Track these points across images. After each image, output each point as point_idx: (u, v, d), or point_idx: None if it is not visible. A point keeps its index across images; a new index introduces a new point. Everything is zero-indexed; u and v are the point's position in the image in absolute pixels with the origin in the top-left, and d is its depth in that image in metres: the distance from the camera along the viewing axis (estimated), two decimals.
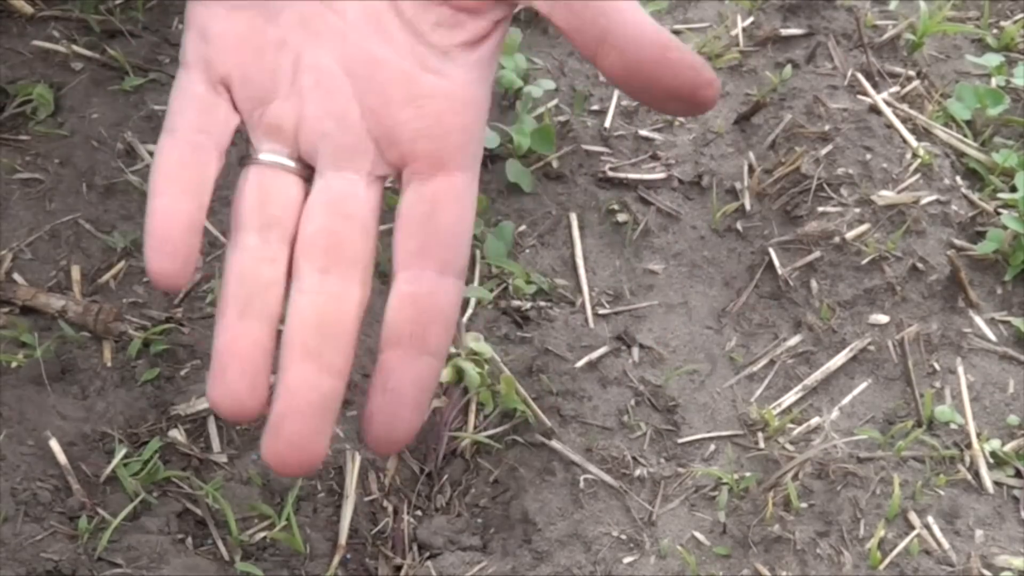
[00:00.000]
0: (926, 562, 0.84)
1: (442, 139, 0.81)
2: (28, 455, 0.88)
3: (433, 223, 0.81)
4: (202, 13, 0.78)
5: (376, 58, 0.81)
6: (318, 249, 0.80)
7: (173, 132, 0.77)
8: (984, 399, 0.94)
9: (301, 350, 0.79)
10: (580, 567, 0.87)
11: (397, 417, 0.80)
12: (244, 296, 0.77)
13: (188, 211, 0.75)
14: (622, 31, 0.79)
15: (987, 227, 1.01)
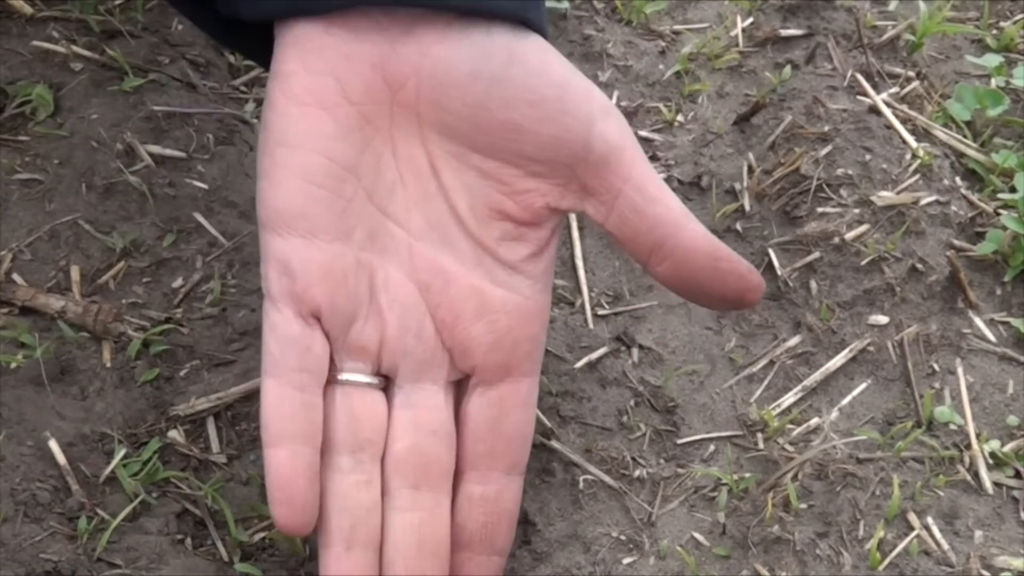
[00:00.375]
0: (925, 563, 0.84)
1: (512, 350, 0.82)
2: (27, 455, 0.88)
3: (501, 427, 0.82)
4: (280, 246, 0.79)
5: (445, 270, 0.81)
6: (408, 467, 0.81)
7: (276, 375, 0.79)
8: (984, 400, 0.93)
9: (406, 573, 0.80)
10: (579, 568, 0.86)
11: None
12: (348, 526, 0.79)
13: (307, 463, 0.78)
14: (676, 243, 0.79)
15: (987, 228, 1.00)
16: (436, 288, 0.81)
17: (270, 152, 0.79)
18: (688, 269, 0.79)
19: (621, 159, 0.79)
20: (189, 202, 1.01)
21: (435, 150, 0.80)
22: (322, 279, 0.79)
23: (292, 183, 0.78)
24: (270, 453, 0.78)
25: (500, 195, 0.80)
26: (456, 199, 0.81)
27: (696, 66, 1.13)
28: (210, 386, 0.92)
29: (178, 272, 0.98)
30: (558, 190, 0.80)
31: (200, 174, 1.03)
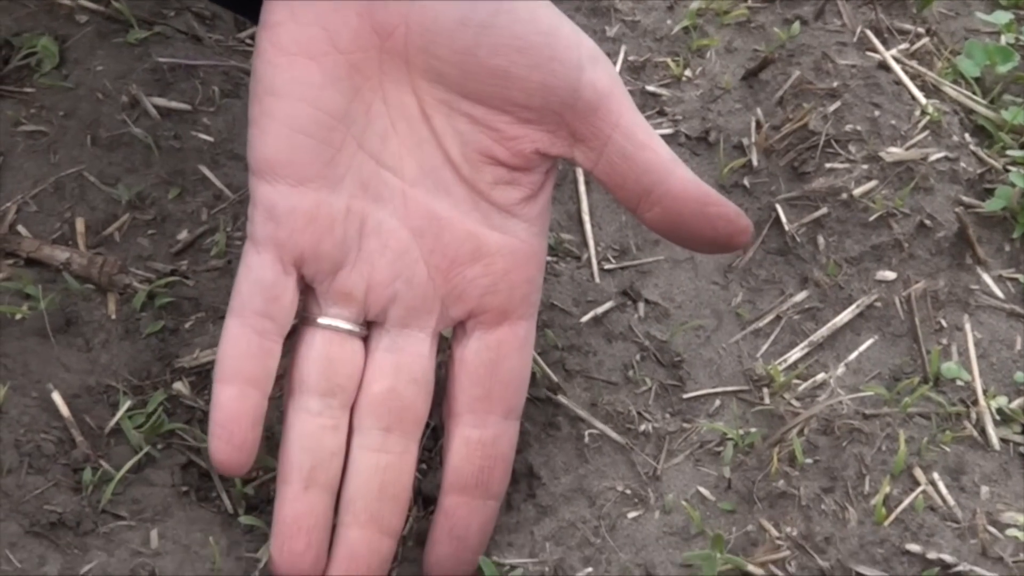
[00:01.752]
0: (931, 518, 0.83)
1: (508, 293, 0.82)
2: (32, 407, 0.87)
3: (498, 371, 0.82)
4: (267, 191, 0.79)
5: (439, 216, 0.81)
6: (384, 409, 0.81)
7: (241, 316, 0.80)
8: (991, 356, 0.92)
9: (365, 515, 0.80)
10: (584, 521, 0.86)
11: (462, 562, 0.83)
12: (308, 466, 0.80)
13: (254, 405, 0.79)
14: (665, 189, 0.79)
15: (995, 184, 0.99)
16: (430, 233, 0.81)
17: (259, 100, 0.79)
18: (677, 214, 0.80)
19: (610, 106, 0.79)
20: (194, 154, 1.00)
21: (425, 97, 0.80)
22: (307, 226, 0.79)
23: (280, 132, 0.78)
24: (219, 389, 0.79)
25: (491, 141, 0.80)
26: (448, 145, 0.81)
27: (704, 21, 1.11)
28: (215, 338, 0.91)
29: (183, 224, 0.97)
30: (547, 136, 0.80)
31: (205, 127, 1.02)
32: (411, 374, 0.82)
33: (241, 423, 0.79)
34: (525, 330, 0.83)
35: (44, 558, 0.81)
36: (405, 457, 0.82)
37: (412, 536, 0.87)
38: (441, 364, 0.86)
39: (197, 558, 0.82)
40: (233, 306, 0.80)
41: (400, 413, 0.82)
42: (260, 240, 0.80)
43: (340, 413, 0.82)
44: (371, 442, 0.81)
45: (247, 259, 0.80)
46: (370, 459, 0.81)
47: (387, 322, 0.82)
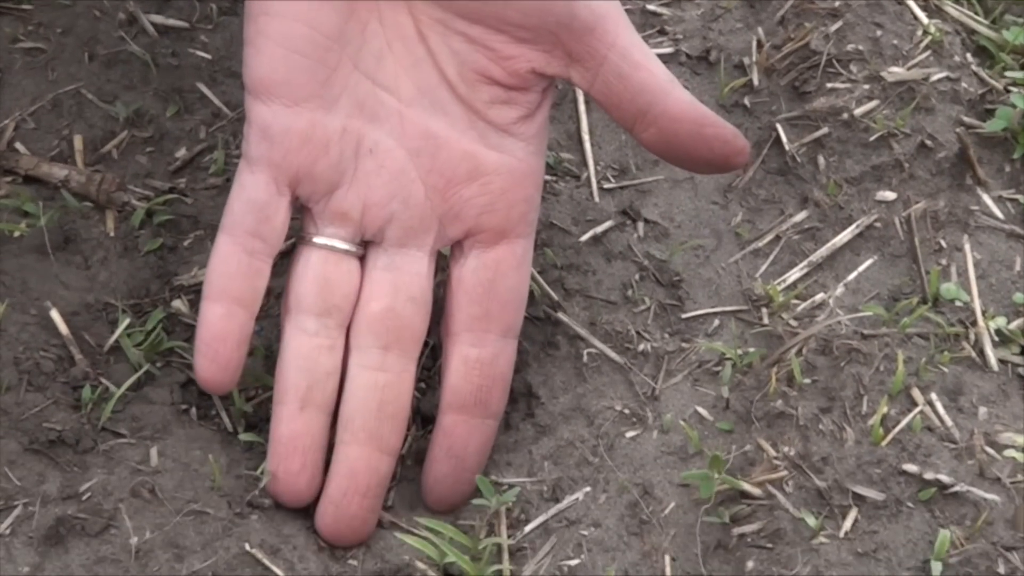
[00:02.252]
0: (928, 439, 0.82)
1: (506, 212, 0.81)
2: (31, 324, 0.86)
3: (496, 289, 0.81)
4: (262, 110, 0.78)
5: (436, 135, 0.80)
6: (382, 328, 0.80)
7: (232, 234, 0.79)
8: (990, 277, 0.91)
9: (363, 432, 0.80)
10: (583, 441, 0.85)
11: (460, 481, 0.82)
12: (305, 386, 0.79)
13: (240, 324, 0.78)
14: (661, 110, 0.78)
15: (996, 105, 0.97)
16: (427, 153, 0.80)
17: (254, 20, 0.77)
18: (673, 135, 0.79)
19: (606, 26, 0.78)
20: (192, 72, 0.98)
21: (421, 16, 0.79)
22: (302, 146, 0.79)
23: (275, 52, 0.77)
24: (206, 306, 0.79)
25: (487, 60, 0.79)
26: (444, 64, 0.79)
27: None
28: None
29: (181, 142, 0.96)
30: (543, 56, 0.79)
31: (203, 44, 1.00)
32: (409, 293, 0.81)
33: (227, 342, 0.78)
34: (523, 249, 0.82)
35: (43, 476, 0.80)
36: (404, 376, 0.81)
37: (411, 455, 0.86)
38: (440, 284, 0.85)
39: (197, 475, 0.82)
40: (224, 224, 0.80)
41: (398, 332, 0.81)
42: (254, 160, 0.79)
43: (336, 333, 0.81)
44: (369, 361, 0.81)
45: (241, 178, 0.79)
46: (368, 378, 0.81)
47: (384, 242, 0.81)
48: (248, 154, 0.79)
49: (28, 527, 0.78)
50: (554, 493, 0.83)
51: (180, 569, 0.77)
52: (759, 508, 0.81)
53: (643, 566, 0.81)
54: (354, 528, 0.80)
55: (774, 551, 0.79)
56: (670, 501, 0.83)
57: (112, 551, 0.77)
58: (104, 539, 0.78)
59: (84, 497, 0.79)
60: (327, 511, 0.80)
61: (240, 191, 0.79)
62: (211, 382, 0.79)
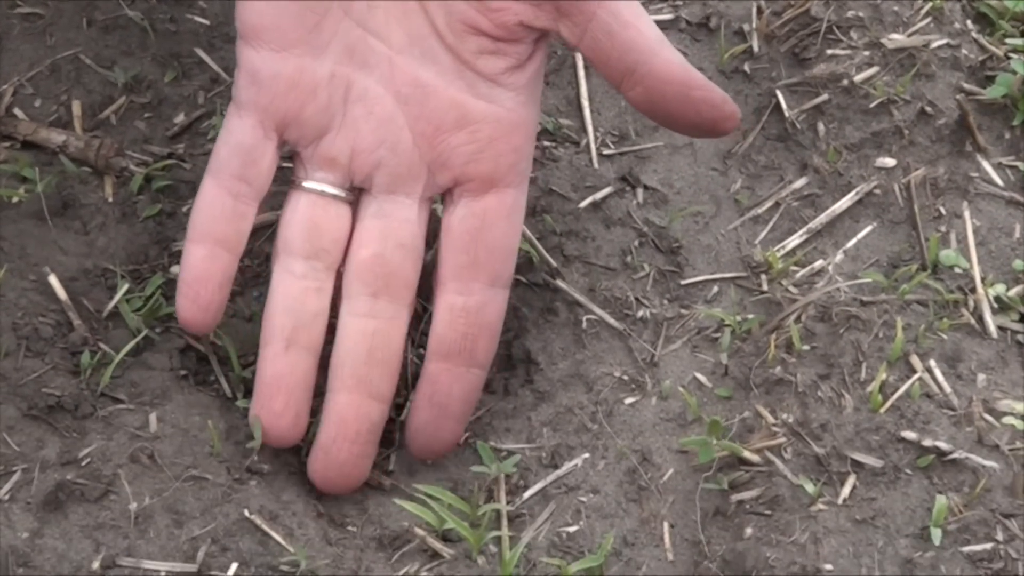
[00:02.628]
0: (927, 405, 0.81)
1: (494, 161, 0.79)
2: (29, 290, 0.85)
3: (484, 238, 0.80)
4: (251, 55, 0.78)
5: (425, 83, 0.79)
6: (371, 274, 0.80)
7: (217, 177, 0.79)
8: (990, 243, 0.90)
9: (352, 379, 0.79)
10: (581, 407, 0.84)
11: (442, 430, 0.81)
12: (291, 327, 0.79)
13: (223, 266, 0.78)
14: (648, 70, 0.77)
15: (997, 72, 0.96)
16: (415, 100, 0.80)
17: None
18: (660, 96, 0.78)
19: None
20: (190, 37, 0.97)
21: None
22: (289, 91, 0.78)
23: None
24: (189, 248, 0.79)
25: (475, 12, 0.78)
26: (434, 14, 0.79)
27: None
28: None
29: (180, 107, 0.95)
30: (532, 9, 0.78)
31: (201, 9, 0.98)
32: (398, 239, 0.80)
33: (208, 284, 0.78)
34: (512, 198, 0.81)
35: (42, 441, 0.79)
36: (394, 322, 0.81)
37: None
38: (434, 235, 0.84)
39: (196, 441, 0.81)
40: (211, 167, 0.79)
41: (387, 279, 0.80)
42: (243, 104, 0.79)
43: (324, 276, 0.81)
44: (359, 308, 0.80)
45: (229, 122, 0.79)
46: (358, 325, 0.80)
47: (373, 189, 0.81)
48: (237, 98, 0.79)
49: (27, 492, 0.77)
50: (553, 459, 0.83)
51: (179, 535, 0.77)
52: (757, 475, 0.80)
53: (642, 532, 0.80)
54: (344, 474, 0.80)
55: (772, 518, 0.78)
56: (669, 468, 0.82)
57: (111, 517, 0.77)
58: (103, 505, 0.77)
59: (83, 463, 0.79)
60: (317, 458, 0.80)
61: (227, 135, 0.79)
62: (192, 322, 0.79)
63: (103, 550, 0.76)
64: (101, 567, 0.75)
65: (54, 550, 0.75)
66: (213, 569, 0.76)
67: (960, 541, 0.76)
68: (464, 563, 0.79)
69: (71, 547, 0.76)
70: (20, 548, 0.75)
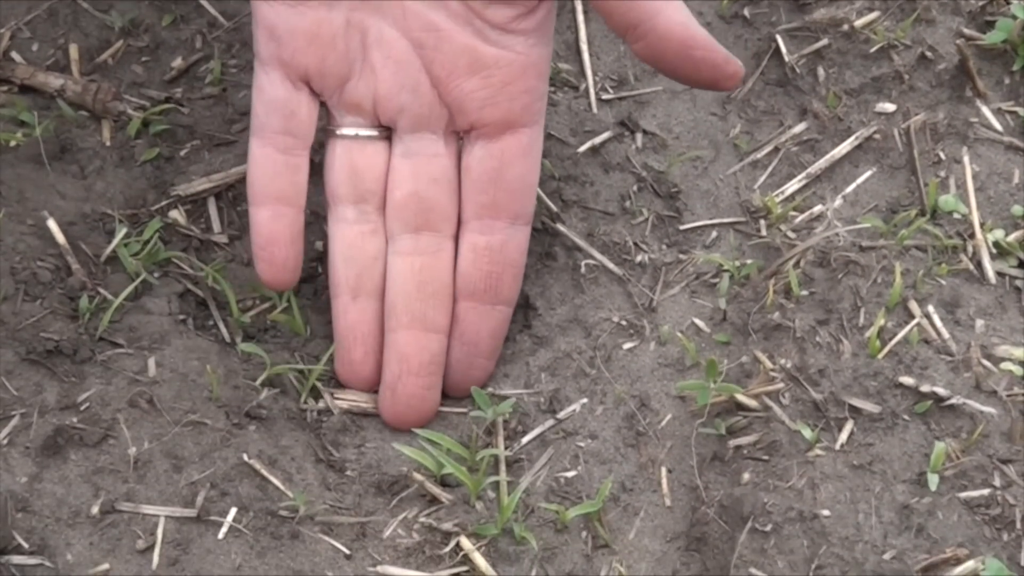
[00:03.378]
0: (925, 351, 0.80)
1: (508, 104, 0.79)
2: (27, 234, 0.83)
3: (503, 177, 0.79)
4: (267, 12, 0.77)
5: (438, 27, 0.78)
6: (409, 212, 0.80)
7: (262, 136, 0.78)
8: (989, 189, 0.89)
9: (407, 316, 0.79)
10: (580, 352, 0.83)
11: (474, 367, 0.81)
12: (353, 275, 0.80)
13: (289, 222, 0.79)
14: (651, 25, 0.76)
15: (997, 16, 0.94)
16: (430, 44, 0.79)
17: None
18: (662, 52, 0.77)
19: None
20: None
21: None
22: (309, 43, 0.78)
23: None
24: (254, 212, 0.79)
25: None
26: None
27: None
28: (211, 166, 0.88)
29: (177, 51, 0.93)
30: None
31: None
32: (430, 174, 0.80)
33: (280, 243, 0.79)
34: (529, 138, 0.80)
35: (41, 385, 0.78)
36: (440, 255, 0.81)
37: None
38: None
39: (195, 386, 0.80)
40: (253, 128, 0.79)
41: (425, 214, 0.80)
42: (265, 60, 0.78)
43: (376, 217, 0.81)
44: (403, 247, 0.81)
45: (258, 80, 0.79)
46: (404, 263, 0.80)
47: (399, 130, 0.81)
48: (259, 55, 0.78)
49: (26, 437, 0.76)
50: (551, 405, 0.81)
51: (178, 479, 0.76)
52: (755, 420, 0.79)
53: (639, 477, 0.79)
54: (414, 408, 0.80)
55: (770, 463, 0.77)
56: (667, 413, 0.81)
57: (110, 461, 0.76)
58: (102, 449, 0.76)
59: (82, 407, 0.77)
60: (385, 397, 0.81)
61: (259, 94, 0.79)
62: (274, 283, 0.80)
63: (102, 495, 0.75)
64: (100, 512, 0.74)
65: (53, 495, 0.74)
66: (212, 514, 0.75)
67: (957, 487, 0.75)
68: (463, 508, 0.78)
69: (70, 492, 0.74)
70: (19, 493, 0.74)
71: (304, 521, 0.76)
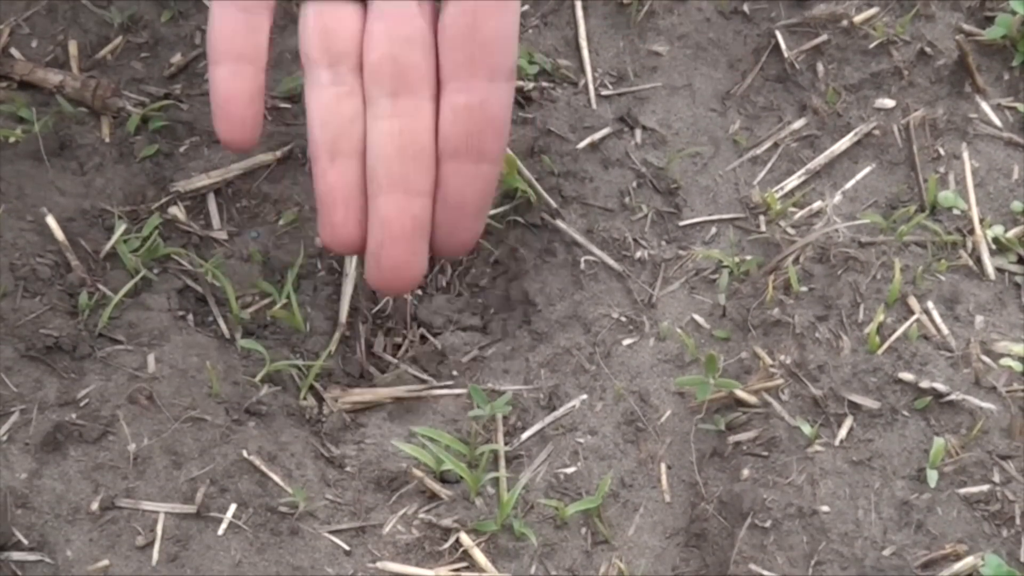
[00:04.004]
0: (925, 347, 0.80)
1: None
2: (27, 230, 0.83)
3: (479, 33, 0.77)
4: None
5: None
6: (385, 75, 0.78)
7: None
8: (988, 185, 0.88)
9: (387, 179, 0.77)
10: (579, 348, 0.83)
11: (461, 227, 0.79)
12: (330, 137, 0.77)
13: (248, 80, 0.76)
14: None
15: (996, 12, 0.94)
16: None
17: None
18: None
19: None
20: None
21: None
22: None
23: None
24: (213, 71, 0.77)
25: None
26: None
27: None
28: (210, 162, 0.87)
29: (176, 48, 0.92)
30: None
31: None
32: (403, 35, 0.78)
33: (239, 100, 0.76)
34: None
35: (40, 382, 0.78)
36: (419, 116, 0.79)
37: (406, 360, 0.84)
38: None
39: (194, 382, 0.79)
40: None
41: (402, 76, 0.79)
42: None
43: (351, 79, 0.79)
44: (381, 111, 0.79)
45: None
46: (383, 127, 0.78)
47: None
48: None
49: (25, 433, 0.76)
50: (551, 401, 0.81)
51: (178, 476, 0.75)
52: (755, 416, 0.79)
53: (639, 473, 0.79)
54: (399, 274, 0.78)
55: (769, 459, 0.77)
56: (666, 409, 0.81)
57: (110, 457, 0.76)
58: (102, 445, 0.76)
59: (82, 403, 0.77)
60: (370, 264, 0.79)
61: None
62: (232, 141, 0.77)
63: (102, 491, 0.74)
64: (100, 508, 0.74)
65: (53, 491, 0.74)
66: (212, 510, 0.75)
67: (957, 483, 0.75)
68: (462, 504, 0.77)
69: (70, 488, 0.74)
70: (19, 489, 0.74)
71: (304, 517, 0.76)
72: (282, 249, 0.85)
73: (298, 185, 0.87)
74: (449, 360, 0.84)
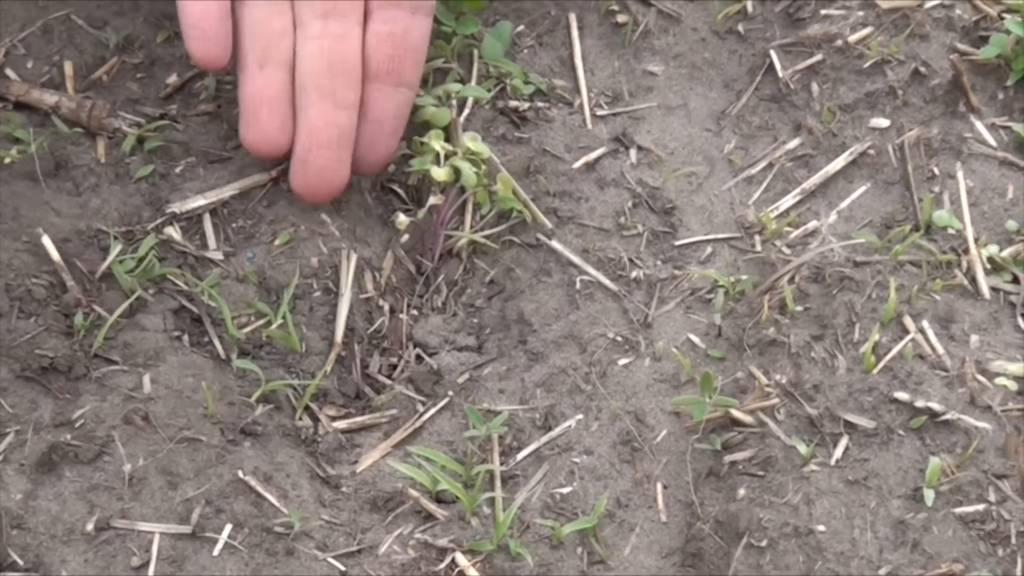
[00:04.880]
0: (920, 366, 0.80)
1: None
2: (22, 251, 0.83)
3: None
4: None
5: None
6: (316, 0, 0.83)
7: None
8: (983, 204, 0.89)
9: (316, 91, 0.83)
10: (575, 368, 0.83)
11: (379, 143, 0.86)
12: (260, 47, 0.83)
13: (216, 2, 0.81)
14: None
15: (991, 32, 0.95)
16: None
17: None
18: None
19: None
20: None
21: None
22: None
23: None
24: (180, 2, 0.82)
25: None
26: None
27: None
28: (206, 183, 0.88)
29: (172, 68, 0.93)
30: None
31: None
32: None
33: (209, 18, 0.82)
34: None
35: (36, 403, 0.78)
36: (348, 37, 0.84)
37: (402, 381, 0.84)
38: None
39: (190, 403, 0.80)
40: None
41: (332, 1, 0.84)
42: None
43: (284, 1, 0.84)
44: (312, 31, 0.84)
45: None
46: (313, 46, 0.84)
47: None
48: None
49: (20, 454, 0.76)
50: (546, 421, 0.81)
51: (173, 496, 0.76)
52: (750, 435, 0.79)
53: (635, 493, 0.79)
54: (324, 180, 0.84)
55: (765, 478, 0.77)
56: (662, 429, 0.81)
57: (105, 478, 0.76)
58: (97, 466, 0.76)
59: (77, 424, 0.77)
60: (296, 170, 0.84)
61: None
62: (205, 58, 0.82)
63: (97, 512, 0.74)
64: (95, 528, 0.74)
65: (48, 511, 0.74)
66: (207, 531, 0.75)
67: (952, 502, 0.75)
68: (458, 524, 0.78)
69: (65, 508, 0.74)
70: (14, 510, 0.74)
71: (299, 538, 0.76)
72: (278, 269, 0.85)
73: (294, 206, 0.87)
74: (445, 380, 0.84)
